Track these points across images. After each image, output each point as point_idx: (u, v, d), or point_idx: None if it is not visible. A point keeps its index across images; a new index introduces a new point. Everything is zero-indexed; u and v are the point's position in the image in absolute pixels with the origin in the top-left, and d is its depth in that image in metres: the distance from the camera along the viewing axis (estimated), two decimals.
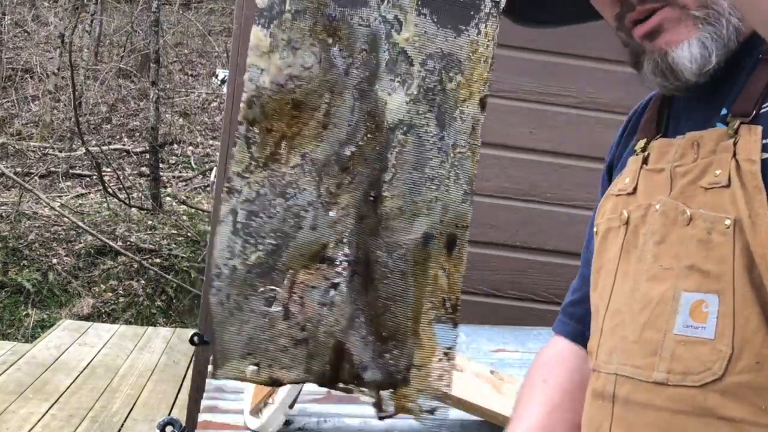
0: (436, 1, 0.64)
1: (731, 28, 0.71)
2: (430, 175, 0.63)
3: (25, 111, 9.34)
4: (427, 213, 0.63)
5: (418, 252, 0.63)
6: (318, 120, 0.63)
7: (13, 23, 10.53)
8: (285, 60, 0.63)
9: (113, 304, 6.21)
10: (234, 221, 0.63)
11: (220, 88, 7.73)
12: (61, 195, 7.73)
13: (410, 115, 0.63)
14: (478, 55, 0.65)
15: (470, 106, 0.64)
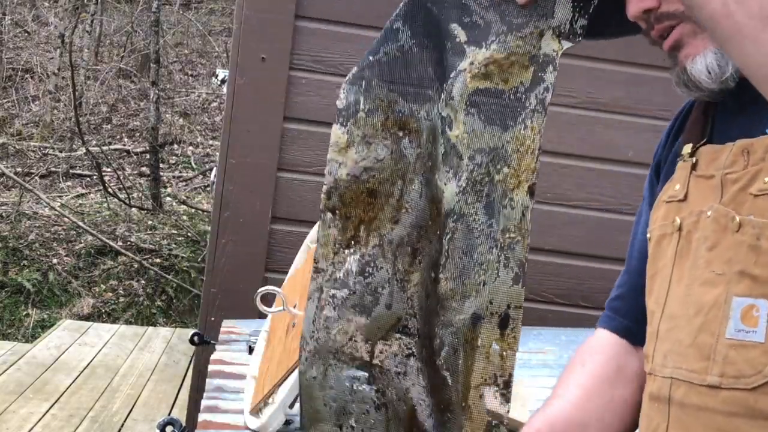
0: (485, 102, 0.69)
1: None
2: (478, 260, 0.69)
3: (26, 111, 9.34)
4: (476, 295, 0.69)
5: (467, 331, 0.68)
6: (392, 205, 0.71)
7: (14, 23, 10.53)
8: (360, 153, 0.71)
9: (113, 304, 6.21)
10: (318, 297, 0.72)
11: (220, 88, 7.73)
12: (62, 195, 7.73)
13: (459, 204, 0.69)
14: (525, 147, 0.69)
15: (519, 194, 0.70)
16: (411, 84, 0.72)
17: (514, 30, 0.68)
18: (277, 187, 2.38)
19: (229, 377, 1.46)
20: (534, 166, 0.71)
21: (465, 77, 0.68)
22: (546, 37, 0.69)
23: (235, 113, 2.35)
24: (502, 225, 0.72)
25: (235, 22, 2.39)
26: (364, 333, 0.70)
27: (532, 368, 1.68)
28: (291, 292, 1.44)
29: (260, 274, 2.36)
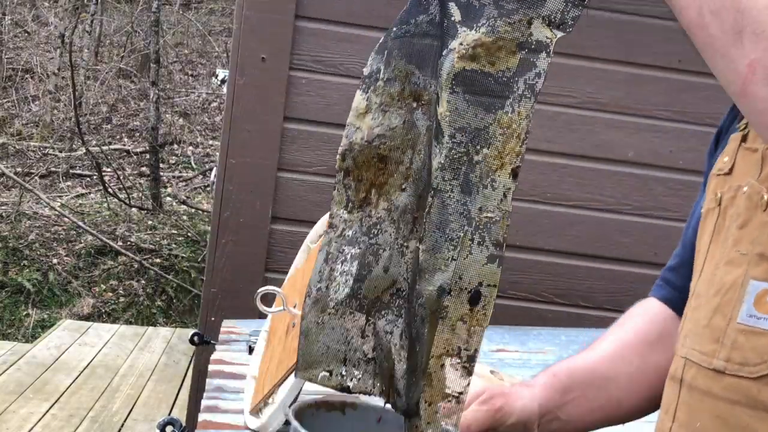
0: (470, 83, 0.71)
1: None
2: (450, 236, 0.70)
3: (26, 111, 9.34)
4: (444, 269, 0.71)
5: (433, 302, 0.71)
6: (401, 172, 0.75)
7: (14, 23, 10.53)
8: (375, 120, 0.75)
9: (113, 304, 6.21)
10: (327, 251, 0.78)
11: (220, 88, 7.73)
12: (62, 195, 7.73)
13: (437, 180, 0.70)
14: (510, 131, 0.71)
15: (501, 176, 0.71)
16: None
17: (504, 16, 0.69)
18: (277, 187, 2.38)
19: (229, 377, 1.46)
20: (519, 149, 0.72)
21: (453, 57, 0.70)
22: (536, 25, 0.69)
23: (235, 113, 2.35)
24: (479, 204, 0.72)
25: (235, 22, 2.39)
26: (363, 290, 0.75)
27: (532, 368, 1.68)
28: (291, 292, 1.44)
29: (260, 274, 2.36)
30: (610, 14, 2.43)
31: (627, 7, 2.43)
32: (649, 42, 2.44)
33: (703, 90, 2.45)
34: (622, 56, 2.43)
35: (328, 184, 2.40)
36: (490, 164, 0.72)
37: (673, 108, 2.46)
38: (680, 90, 2.45)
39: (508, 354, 1.83)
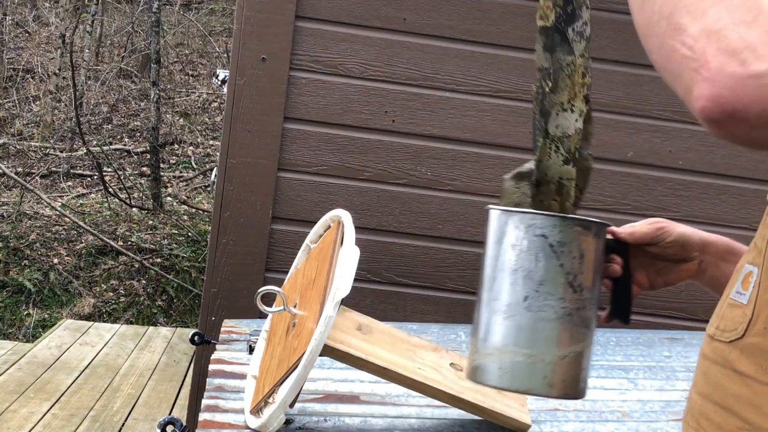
0: (540, 35, 1.02)
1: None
2: (536, 144, 1.10)
3: (26, 111, 9.35)
4: (536, 168, 1.09)
5: (534, 191, 1.09)
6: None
7: (14, 24, 10.54)
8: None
9: (114, 303, 6.21)
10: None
11: (221, 88, 7.74)
12: (62, 195, 7.74)
13: (532, 107, 1.12)
14: (573, 67, 1.03)
15: (577, 102, 1.04)
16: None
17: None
18: (277, 187, 2.38)
19: (230, 377, 1.47)
20: (583, 81, 1.00)
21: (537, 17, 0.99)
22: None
23: (235, 113, 2.35)
24: (554, 123, 1.05)
25: (235, 22, 2.39)
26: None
27: None
28: (291, 291, 1.45)
29: (260, 273, 2.37)
30: (610, 14, 2.43)
31: (627, 7, 2.43)
32: None
33: None
34: (621, 56, 2.44)
35: (328, 184, 2.41)
36: (560, 95, 1.03)
37: (673, 108, 2.46)
38: None
39: None
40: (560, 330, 1.02)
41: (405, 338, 1.32)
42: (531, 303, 1.02)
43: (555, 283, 1.02)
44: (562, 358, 1.03)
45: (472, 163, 2.43)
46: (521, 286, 1.02)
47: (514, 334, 1.03)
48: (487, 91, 2.42)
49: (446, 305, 2.44)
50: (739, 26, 0.60)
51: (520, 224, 1.03)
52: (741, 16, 0.60)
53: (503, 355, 1.03)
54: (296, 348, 1.21)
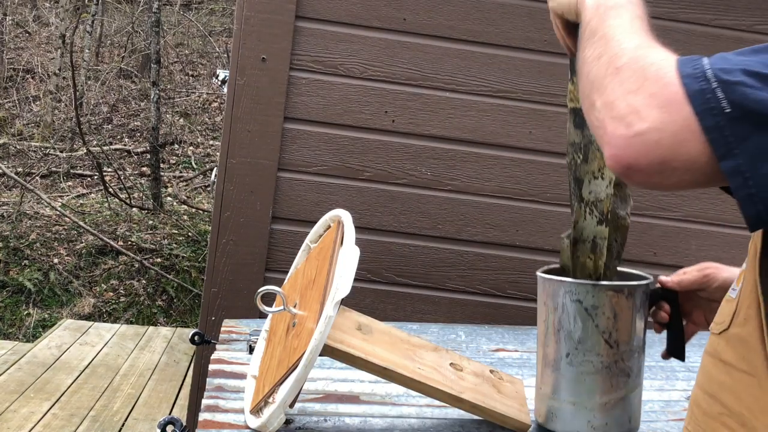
0: (572, 114, 1.26)
1: None
2: (573, 209, 1.29)
3: (27, 111, 9.35)
4: (574, 228, 1.28)
5: (571, 247, 1.26)
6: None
7: (15, 24, 10.54)
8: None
9: (114, 303, 6.21)
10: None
11: (221, 89, 7.74)
12: (62, 195, 7.74)
13: (567, 174, 1.36)
14: (597, 144, 1.15)
15: (606, 171, 1.21)
16: None
17: (574, 75, 1.04)
18: (277, 187, 2.38)
19: (230, 377, 1.47)
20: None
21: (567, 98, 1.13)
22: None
23: (235, 113, 2.35)
24: (587, 189, 1.18)
25: (235, 22, 2.39)
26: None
27: (532, 368, 1.68)
28: (291, 291, 1.45)
29: (260, 273, 2.37)
30: None
31: None
32: None
33: None
34: None
35: (328, 184, 2.41)
36: (592, 165, 1.19)
37: None
38: None
39: (508, 354, 1.83)
40: (600, 381, 1.19)
41: (405, 338, 1.32)
42: (572, 359, 1.20)
43: (592, 341, 1.18)
44: (604, 404, 1.20)
45: (472, 163, 2.43)
46: (563, 344, 1.21)
47: (561, 385, 1.22)
48: (487, 91, 2.42)
49: (446, 305, 2.44)
50: (628, 95, 0.73)
51: (559, 290, 1.20)
52: (629, 86, 0.74)
53: (553, 402, 1.23)
54: (296, 348, 1.21)
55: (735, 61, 0.73)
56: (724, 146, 0.70)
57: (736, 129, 0.69)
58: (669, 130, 0.70)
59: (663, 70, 0.75)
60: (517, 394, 1.36)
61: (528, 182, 2.45)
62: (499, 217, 2.45)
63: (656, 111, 0.71)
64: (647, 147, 0.71)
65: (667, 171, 0.71)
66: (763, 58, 0.73)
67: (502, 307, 2.45)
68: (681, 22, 2.44)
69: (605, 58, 0.79)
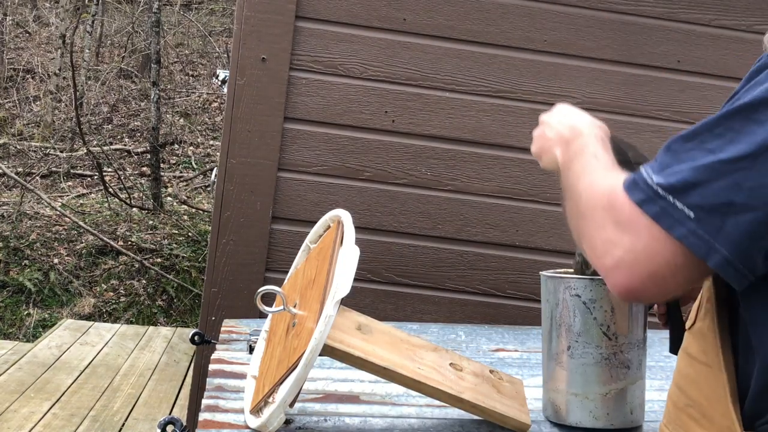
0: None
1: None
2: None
3: (27, 111, 9.35)
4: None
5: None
6: None
7: (15, 24, 10.54)
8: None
9: (114, 303, 6.21)
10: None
11: (221, 89, 7.73)
12: (63, 195, 7.74)
13: None
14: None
15: None
16: None
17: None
18: (277, 187, 2.38)
19: (230, 376, 1.47)
20: None
21: None
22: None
23: (235, 113, 2.35)
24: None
25: (235, 22, 2.39)
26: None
27: (532, 368, 1.68)
28: (291, 291, 1.45)
29: (260, 273, 2.37)
30: (610, 14, 2.43)
31: (627, 7, 2.44)
32: (648, 42, 2.44)
33: (702, 90, 2.46)
34: (621, 56, 2.44)
35: (328, 184, 2.41)
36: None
37: (673, 108, 2.46)
38: (679, 90, 2.46)
39: (508, 354, 1.83)
40: (599, 372, 1.25)
41: (405, 338, 1.32)
42: (573, 351, 1.26)
43: (591, 333, 1.25)
44: (604, 395, 1.25)
45: (472, 163, 2.44)
46: (565, 338, 1.27)
47: (563, 377, 1.28)
48: (487, 91, 2.42)
49: (446, 305, 2.44)
50: (598, 232, 0.81)
51: (559, 287, 1.27)
52: (595, 224, 0.82)
53: (557, 394, 1.30)
54: (296, 348, 1.21)
55: (679, 159, 0.75)
56: (704, 246, 0.73)
57: (707, 227, 0.72)
58: (640, 249, 0.75)
59: (615, 197, 0.80)
60: (517, 394, 1.36)
61: (528, 182, 2.45)
62: (499, 217, 2.45)
63: (624, 236, 0.77)
64: (630, 269, 0.76)
65: (660, 281, 0.76)
66: (702, 139, 0.75)
67: (501, 307, 2.45)
68: (681, 22, 2.45)
69: (575, 209, 0.88)
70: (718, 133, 0.74)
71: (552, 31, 2.41)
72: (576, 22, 2.42)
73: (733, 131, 0.73)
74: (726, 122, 0.74)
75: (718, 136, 0.74)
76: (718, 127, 0.74)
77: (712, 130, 0.74)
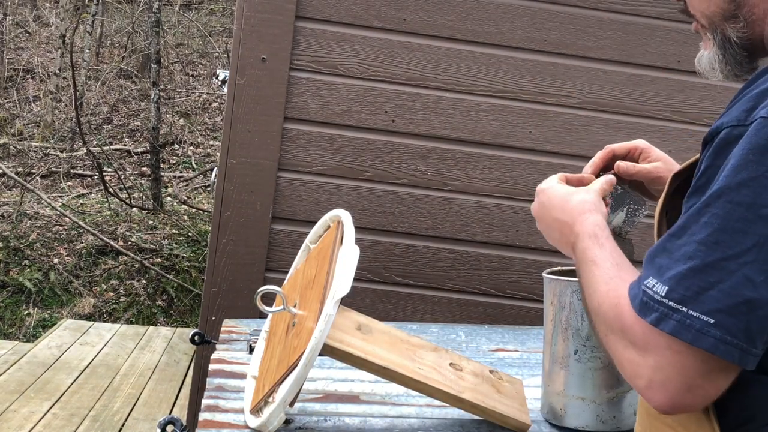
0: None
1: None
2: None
3: (27, 111, 9.35)
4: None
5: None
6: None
7: (15, 24, 10.54)
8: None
9: (114, 303, 6.21)
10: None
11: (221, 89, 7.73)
12: (63, 195, 7.74)
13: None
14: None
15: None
16: None
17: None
18: (277, 187, 2.38)
19: (230, 376, 1.47)
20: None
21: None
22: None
23: (235, 113, 2.35)
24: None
25: (235, 22, 2.39)
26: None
27: (532, 368, 1.68)
28: (291, 291, 1.45)
29: (260, 273, 2.37)
30: (610, 14, 2.43)
31: (627, 7, 2.44)
32: (648, 42, 2.44)
33: (702, 90, 2.46)
34: (621, 56, 2.44)
35: (328, 184, 2.41)
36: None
37: (673, 108, 2.46)
38: (680, 90, 2.46)
39: (508, 354, 1.83)
40: (607, 376, 1.25)
41: (405, 338, 1.32)
42: (581, 355, 1.25)
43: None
44: (611, 399, 1.25)
45: (472, 163, 2.44)
46: (572, 342, 1.26)
47: (570, 381, 1.27)
48: (487, 91, 2.42)
49: (446, 305, 2.44)
50: (624, 353, 0.78)
51: (566, 290, 1.25)
52: (619, 345, 0.79)
53: (562, 398, 1.28)
54: (296, 347, 1.21)
55: (676, 258, 0.74)
56: (738, 351, 0.71)
57: (733, 329, 0.70)
58: (667, 367, 0.74)
59: (623, 319, 0.79)
60: (516, 394, 1.36)
61: (528, 182, 2.45)
62: (499, 217, 2.45)
63: (647, 357, 0.75)
64: (665, 388, 0.74)
65: (699, 390, 0.74)
66: (692, 232, 0.73)
67: (501, 307, 2.45)
68: (681, 22, 2.45)
69: (594, 318, 0.85)
70: (705, 224, 0.72)
71: (552, 31, 2.41)
72: (576, 22, 2.42)
73: (719, 218, 0.71)
74: (707, 209, 0.73)
75: (706, 226, 0.72)
76: (702, 216, 0.73)
77: (698, 220, 0.73)
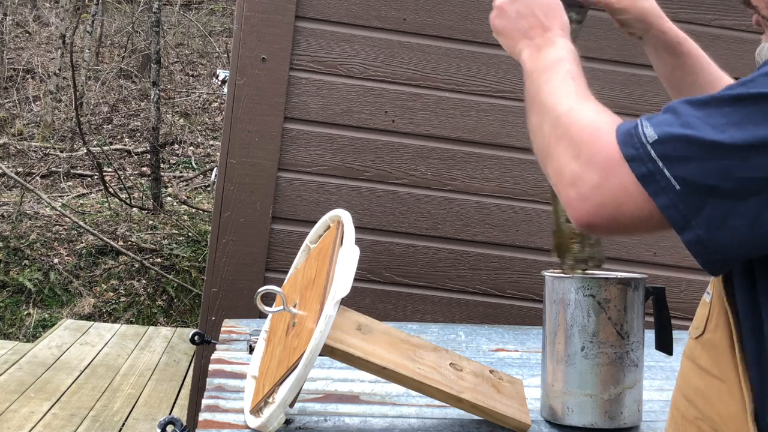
0: None
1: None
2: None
3: (27, 111, 9.35)
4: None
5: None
6: None
7: (15, 24, 10.54)
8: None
9: (114, 303, 6.21)
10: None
11: (221, 89, 7.73)
12: (63, 195, 7.74)
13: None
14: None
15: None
16: None
17: None
18: (277, 187, 2.38)
19: (230, 376, 1.47)
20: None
21: None
22: None
23: (235, 113, 2.35)
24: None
25: (235, 22, 2.39)
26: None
27: (532, 368, 1.68)
28: (291, 291, 1.45)
29: (260, 273, 2.37)
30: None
31: None
32: None
33: None
34: (621, 56, 2.44)
35: (328, 184, 2.41)
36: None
37: None
38: None
39: (508, 354, 1.83)
40: (614, 371, 1.25)
41: (405, 338, 1.32)
42: (587, 352, 1.25)
43: (605, 333, 1.24)
44: (619, 394, 1.25)
45: (472, 163, 2.44)
46: (578, 338, 1.25)
47: (576, 379, 1.26)
48: (487, 91, 2.42)
49: (446, 305, 2.44)
50: (570, 162, 0.79)
51: (571, 287, 1.26)
52: (570, 153, 0.79)
53: (568, 397, 1.27)
54: (296, 348, 1.21)
55: (681, 122, 0.74)
56: (682, 220, 0.74)
57: (690, 202, 0.73)
58: (608, 193, 0.76)
59: (597, 132, 0.79)
60: (516, 394, 1.36)
61: (528, 182, 2.45)
62: (499, 217, 2.45)
63: (595, 174, 0.77)
64: (595, 208, 0.77)
65: (621, 226, 0.78)
66: (709, 113, 0.74)
67: (501, 307, 2.45)
68: (681, 22, 2.44)
69: (546, 127, 0.84)
70: (725, 113, 0.73)
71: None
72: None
73: (740, 115, 0.72)
74: (736, 104, 0.73)
75: (724, 115, 0.72)
76: (727, 106, 0.73)
77: (721, 107, 0.73)
